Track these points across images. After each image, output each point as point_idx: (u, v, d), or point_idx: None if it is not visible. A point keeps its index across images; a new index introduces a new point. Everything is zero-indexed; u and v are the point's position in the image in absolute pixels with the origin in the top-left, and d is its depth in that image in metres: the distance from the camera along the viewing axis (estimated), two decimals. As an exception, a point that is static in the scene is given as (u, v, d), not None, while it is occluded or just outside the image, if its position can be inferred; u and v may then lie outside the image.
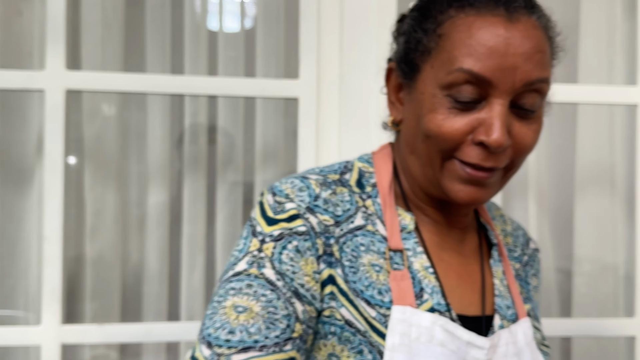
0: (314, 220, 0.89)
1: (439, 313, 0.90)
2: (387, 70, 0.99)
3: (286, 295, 0.84)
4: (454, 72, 0.84)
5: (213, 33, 1.74)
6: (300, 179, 0.93)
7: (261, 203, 0.92)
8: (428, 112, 0.87)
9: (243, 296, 0.84)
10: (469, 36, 0.84)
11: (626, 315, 1.78)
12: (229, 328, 0.81)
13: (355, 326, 0.87)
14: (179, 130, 1.74)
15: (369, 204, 0.94)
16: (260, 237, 0.88)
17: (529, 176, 1.78)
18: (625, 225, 1.81)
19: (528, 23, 0.85)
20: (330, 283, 0.88)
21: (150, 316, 1.71)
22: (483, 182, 0.89)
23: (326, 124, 1.56)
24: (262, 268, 0.85)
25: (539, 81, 0.86)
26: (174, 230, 1.73)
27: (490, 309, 0.98)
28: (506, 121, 0.85)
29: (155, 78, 1.52)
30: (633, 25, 1.72)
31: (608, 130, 1.82)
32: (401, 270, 0.90)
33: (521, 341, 0.97)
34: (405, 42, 0.93)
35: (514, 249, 1.12)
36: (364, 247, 0.91)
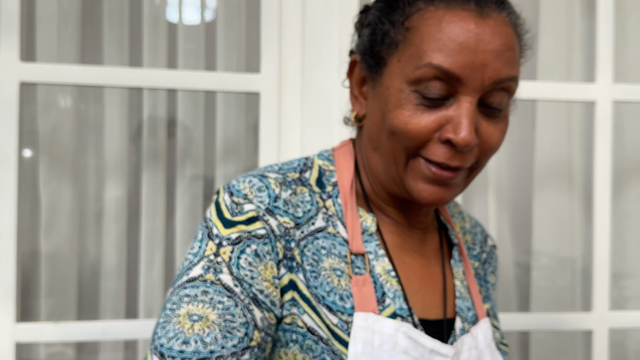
0: (273, 223, 0.85)
1: (402, 318, 0.88)
2: (350, 62, 0.96)
3: (244, 302, 0.81)
4: (423, 67, 0.82)
5: (172, 25, 1.71)
6: (258, 177, 0.89)
7: (217, 203, 0.87)
8: (394, 107, 0.85)
9: (198, 304, 0.80)
10: (439, 30, 0.82)
11: (583, 309, 1.81)
12: (183, 338, 0.77)
13: (317, 334, 0.84)
14: (137, 123, 1.71)
15: (330, 205, 0.92)
16: (216, 240, 0.84)
17: (488, 172, 1.80)
18: (582, 220, 1.84)
19: (498, 19, 0.84)
20: (291, 289, 0.85)
21: (108, 314, 1.67)
22: (447, 182, 0.87)
23: (288, 119, 1.54)
24: (219, 273, 0.81)
25: (508, 79, 0.84)
26: (132, 226, 1.70)
27: (452, 312, 0.97)
28: (474, 120, 0.83)
29: (113, 71, 1.48)
30: (592, 23, 1.74)
31: (566, 127, 1.84)
32: (363, 275, 0.88)
33: (482, 343, 0.97)
34: (371, 34, 0.90)
35: (473, 246, 1.11)
36: (325, 251, 0.88)
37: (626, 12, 1.84)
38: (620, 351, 1.87)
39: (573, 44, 1.83)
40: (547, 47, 1.82)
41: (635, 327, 1.79)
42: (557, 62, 1.82)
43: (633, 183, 1.86)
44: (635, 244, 1.86)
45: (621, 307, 1.84)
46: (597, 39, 1.65)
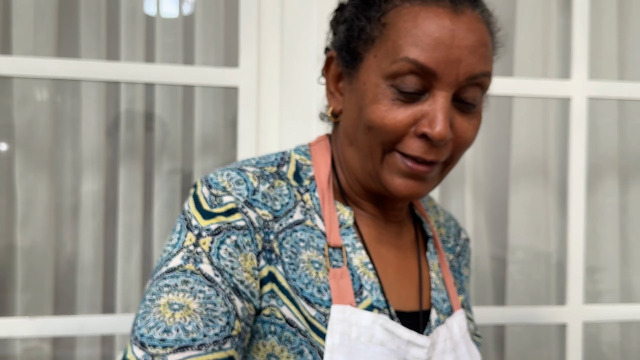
0: (252, 215, 0.86)
1: (378, 310, 0.89)
2: (326, 58, 0.97)
3: (225, 292, 0.81)
4: (399, 62, 0.84)
5: (150, 18, 1.70)
6: (236, 171, 0.90)
7: (195, 195, 0.88)
8: (371, 102, 0.86)
9: (179, 293, 0.80)
10: (415, 26, 0.84)
11: (558, 303, 1.84)
12: (164, 327, 0.77)
13: (296, 325, 0.85)
14: (114, 117, 1.70)
15: (307, 198, 0.93)
16: (196, 231, 0.84)
17: (465, 167, 1.81)
18: (557, 215, 1.86)
19: (472, 16, 0.86)
20: (270, 281, 0.85)
21: (85, 308, 1.67)
22: (423, 176, 0.89)
23: (266, 114, 1.55)
24: (199, 263, 0.82)
25: (482, 75, 0.86)
26: (109, 220, 1.69)
27: (427, 303, 0.99)
28: (449, 114, 0.85)
29: (90, 64, 1.47)
30: (567, 20, 1.76)
31: (542, 123, 1.86)
32: (340, 267, 0.90)
33: (457, 334, 0.99)
34: (347, 30, 0.91)
35: (447, 239, 1.13)
36: (303, 243, 0.89)
37: (601, 10, 1.86)
38: (594, 344, 1.90)
39: (549, 41, 1.85)
40: (523, 44, 1.83)
41: (608, 321, 1.82)
42: (533, 59, 1.84)
43: (607, 179, 1.89)
44: (609, 238, 1.89)
45: (595, 301, 1.87)
46: (572, 36, 1.66)
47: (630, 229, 1.91)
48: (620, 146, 1.91)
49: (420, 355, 0.91)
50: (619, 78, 1.88)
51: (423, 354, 0.91)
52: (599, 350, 1.90)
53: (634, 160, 1.92)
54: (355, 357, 0.85)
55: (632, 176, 1.92)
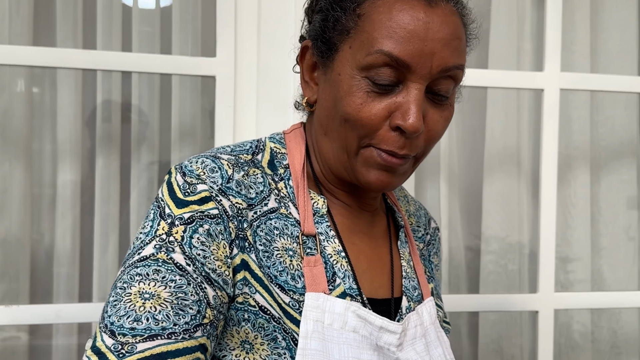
0: (226, 203, 0.86)
1: (351, 298, 0.90)
2: (301, 48, 0.97)
3: (197, 281, 0.81)
4: (373, 54, 0.84)
5: (127, 8, 1.70)
6: (211, 158, 0.90)
7: (169, 182, 0.88)
8: (346, 94, 0.87)
9: (150, 282, 0.80)
10: (390, 18, 0.84)
11: (530, 291, 1.87)
12: (134, 316, 0.78)
13: (269, 312, 0.85)
14: (91, 107, 1.69)
15: (282, 187, 0.93)
16: (169, 220, 0.84)
17: (440, 158, 1.83)
18: (530, 205, 1.89)
19: (446, 9, 0.86)
20: (243, 269, 0.86)
21: (61, 298, 1.66)
22: (396, 169, 0.90)
23: (243, 103, 1.55)
24: (171, 253, 0.82)
25: (455, 68, 0.87)
26: (86, 210, 1.69)
27: (399, 291, 1.00)
28: (422, 106, 0.86)
29: (66, 52, 1.47)
30: (541, 13, 1.79)
31: (516, 115, 1.89)
32: (314, 255, 0.90)
33: (427, 321, 1.01)
34: (323, 20, 0.91)
35: (418, 229, 1.15)
36: (278, 231, 0.89)
37: (575, 4, 1.90)
38: (566, 332, 1.94)
39: (523, 34, 1.88)
40: (498, 37, 1.86)
41: (578, 308, 1.85)
42: (507, 52, 1.87)
43: (579, 170, 1.92)
44: (581, 229, 1.92)
45: (568, 291, 1.91)
46: (545, 30, 1.69)
47: (600, 220, 1.95)
48: (592, 138, 1.94)
49: (392, 341, 0.92)
50: (592, 71, 1.91)
51: (395, 339, 0.92)
52: (571, 337, 1.94)
53: (605, 152, 1.95)
54: (328, 343, 0.86)
55: (603, 168, 1.95)
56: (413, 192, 1.80)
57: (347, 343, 0.88)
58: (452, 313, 1.84)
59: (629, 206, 1.96)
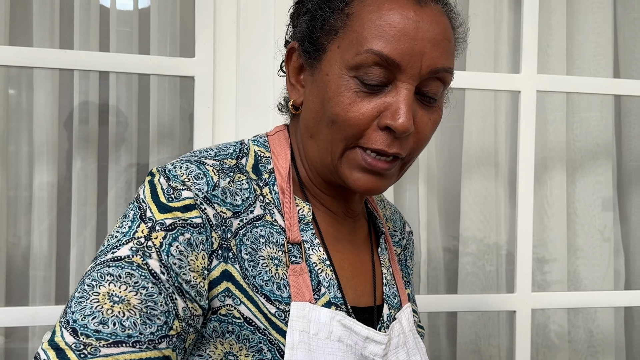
0: (210, 212, 0.83)
1: (336, 307, 0.90)
2: (288, 50, 0.96)
3: (168, 291, 0.79)
4: (363, 53, 0.83)
5: (105, 8, 1.69)
6: (196, 164, 0.87)
7: (152, 184, 0.85)
8: (334, 94, 0.86)
9: (121, 285, 0.77)
10: (379, 17, 0.84)
11: (508, 291, 1.88)
12: (101, 318, 0.75)
13: (254, 324, 0.84)
14: (68, 108, 1.68)
15: (267, 192, 0.91)
16: (149, 224, 0.81)
17: (419, 159, 1.84)
18: (507, 206, 1.91)
19: (436, 9, 0.86)
20: (224, 280, 0.84)
21: (37, 300, 1.65)
22: (382, 172, 0.88)
23: (222, 104, 1.55)
24: (148, 258, 0.79)
25: (444, 70, 0.86)
26: (63, 212, 1.67)
27: (380, 299, 1.00)
28: (412, 106, 0.85)
29: (43, 52, 1.45)
30: (518, 16, 1.81)
31: (493, 117, 1.91)
32: (299, 264, 0.89)
33: (406, 328, 1.01)
34: (310, 21, 0.90)
35: (395, 233, 1.15)
36: (263, 239, 0.88)
37: (551, 7, 1.92)
38: (543, 332, 1.95)
39: (500, 37, 1.90)
40: (475, 39, 1.87)
41: (555, 308, 1.87)
42: (485, 54, 1.89)
43: (555, 171, 1.94)
44: (557, 230, 1.94)
45: (545, 291, 1.92)
46: (522, 33, 1.71)
47: (576, 221, 1.97)
48: (568, 139, 1.97)
49: (377, 351, 0.92)
50: (568, 73, 1.93)
51: (380, 350, 0.92)
52: (548, 337, 1.96)
53: (580, 154, 1.98)
54: (314, 353, 0.85)
55: (578, 169, 1.97)
56: (392, 193, 1.80)
57: (333, 353, 0.87)
58: (431, 313, 1.85)
59: (605, 207, 1.98)
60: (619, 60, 2.03)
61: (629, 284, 2.04)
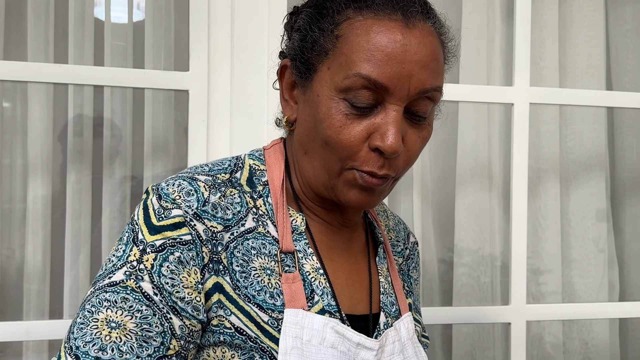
0: (200, 228, 0.86)
1: (330, 314, 0.91)
2: (280, 67, 0.97)
3: (162, 311, 0.82)
4: (352, 77, 0.84)
5: (99, 22, 1.69)
6: (188, 180, 0.90)
7: (145, 205, 0.88)
8: (325, 117, 0.87)
9: (117, 310, 0.81)
10: (367, 40, 0.84)
11: (502, 303, 1.88)
12: (100, 344, 0.79)
13: (245, 333, 0.86)
14: (62, 121, 1.68)
15: (260, 204, 0.93)
16: (141, 246, 0.85)
17: (414, 172, 1.85)
18: (502, 218, 1.91)
19: (424, 29, 0.86)
20: (216, 291, 0.86)
21: (31, 315, 1.64)
22: (375, 189, 0.90)
23: (217, 117, 1.55)
24: (140, 281, 0.83)
25: (433, 90, 0.87)
26: (57, 226, 1.67)
27: (377, 307, 1.01)
28: (401, 127, 0.86)
29: (38, 66, 1.46)
30: (511, 29, 1.82)
31: (487, 129, 1.91)
32: (292, 272, 0.91)
33: (404, 336, 1.01)
34: (301, 40, 0.92)
35: (397, 243, 1.15)
36: (255, 251, 0.90)
37: (543, 20, 1.93)
38: (538, 344, 1.95)
39: (493, 49, 1.91)
40: (469, 52, 1.89)
41: (549, 320, 1.87)
42: (478, 67, 1.90)
43: (549, 183, 1.95)
44: (552, 241, 1.94)
45: (540, 303, 1.93)
46: (515, 46, 1.72)
47: (570, 232, 1.98)
48: (562, 152, 1.97)
49: (369, 357, 0.93)
50: (560, 85, 1.95)
51: (372, 356, 0.93)
52: (543, 349, 1.96)
53: (573, 166, 1.98)
54: (307, 359, 0.86)
55: (572, 180, 1.98)
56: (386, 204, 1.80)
57: (325, 359, 0.88)
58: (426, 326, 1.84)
59: (598, 218, 1.99)
60: (611, 72, 2.05)
61: (624, 295, 2.05)
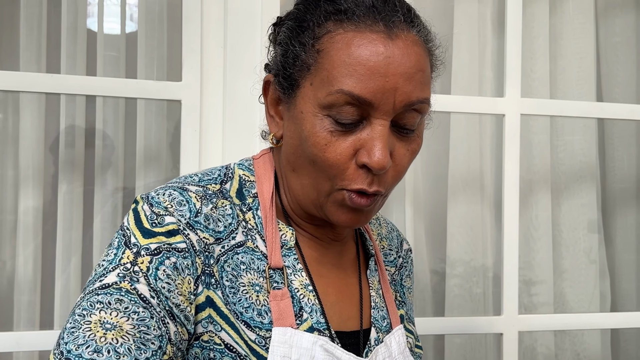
0: (194, 238, 0.84)
1: (319, 332, 0.89)
2: (264, 82, 0.95)
3: (160, 315, 0.79)
4: (334, 94, 0.81)
5: (92, 33, 1.70)
6: (179, 191, 0.87)
7: (136, 211, 0.85)
8: (310, 134, 0.84)
9: (112, 312, 0.77)
10: (349, 55, 0.81)
11: (495, 313, 1.88)
12: (94, 346, 0.74)
13: (235, 350, 0.84)
14: (54, 132, 1.68)
15: (249, 217, 0.91)
16: (134, 249, 0.81)
17: (406, 182, 1.85)
18: (494, 229, 1.91)
19: (408, 39, 0.83)
20: (208, 306, 0.84)
21: (22, 325, 1.63)
22: (364, 208, 0.88)
23: (209, 128, 1.55)
24: (136, 283, 0.79)
25: (419, 102, 0.84)
26: (48, 237, 1.66)
27: (367, 322, 0.99)
28: (388, 141, 0.83)
29: (30, 76, 1.45)
30: (502, 41, 1.83)
31: (479, 140, 1.92)
32: (281, 289, 0.88)
33: (395, 351, 1.00)
34: (283, 56, 0.89)
35: (390, 252, 1.13)
36: (244, 266, 0.87)
37: (534, 32, 1.94)
38: (531, 355, 1.95)
39: (485, 61, 1.92)
40: (460, 64, 1.90)
41: (541, 330, 1.87)
42: (470, 78, 1.91)
43: (540, 194, 1.96)
44: (543, 252, 1.95)
45: (531, 313, 1.93)
46: (506, 57, 1.73)
47: (562, 243, 1.98)
48: (553, 163, 1.98)
49: None
50: (551, 97, 1.96)
51: None
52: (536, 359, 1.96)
53: (565, 177, 1.99)
54: None
55: (563, 191, 1.99)
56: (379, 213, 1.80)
57: None
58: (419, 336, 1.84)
59: (590, 229, 1.99)
60: (601, 84, 2.06)
61: (615, 305, 2.05)
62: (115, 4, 1.74)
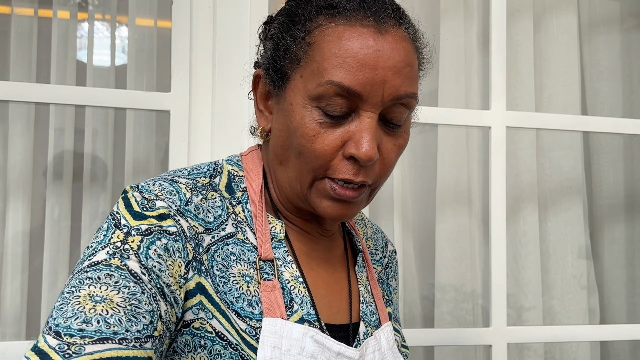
0: (184, 224, 0.84)
1: (309, 323, 0.89)
2: (254, 77, 0.96)
3: (151, 292, 0.77)
4: (324, 85, 0.83)
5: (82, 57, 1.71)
6: (169, 182, 0.88)
7: (126, 198, 0.85)
8: (299, 126, 0.86)
9: (101, 286, 0.75)
10: (339, 47, 0.83)
11: (483, 325, 1.88)
12: (84, 317, 0.72)
13: (226, 339, 0.84)
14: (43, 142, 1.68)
15: (239, 211, 0.92)
16: (125, 230, 0.81)
17: (394, 195, 1.86)
18: (482, 242, 1.92)
19: (397, 34, 0.85)
20: (199, 292, 0.84)
21: (7, 336, 1.61)
22: (350, 200, 0.89)
23: (198, 138, 1.56)
24: (126, 260, 0.78)
25: (407, 96, 0.86)
26: (36, 247, 1.65)
27: (357, 316, 1.00)
28: (376, 134, 0.86)
29: (19, 86, 1.46)
30: (487, 56, 1.86)
31: (466, 153, 1.93)
32: (271, 280, 0.89)
33: (384, 346, 1.00)
34: (274, 49, 0.91)
35: (375, 252, 1.15)
36: (234, 257, 0.88)
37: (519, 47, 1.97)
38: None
39: (471, 75, 1.94)
40: (447, 77, 1.92)
41: (530, 342, 1.87)
42: (456, 91, 1.93)
43: (528, 210, 1.96)
44: (532, 265, 1.95)
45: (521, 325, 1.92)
46: (491, 71, 1.76)
47: (550, 258, 1.99)
48: (539, 178, 2.00)
49: None
50: (536, 110, 1.98)
51: None
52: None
53: (551, 193, 2.00)
54: None
55: (550, 207, 2.00)
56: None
57: None
58: (407, 348, 1.83)
59: (577, 245, 2.00)
60: (586, 99, 2.09)
61: (604, 321, 2.05)
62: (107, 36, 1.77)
